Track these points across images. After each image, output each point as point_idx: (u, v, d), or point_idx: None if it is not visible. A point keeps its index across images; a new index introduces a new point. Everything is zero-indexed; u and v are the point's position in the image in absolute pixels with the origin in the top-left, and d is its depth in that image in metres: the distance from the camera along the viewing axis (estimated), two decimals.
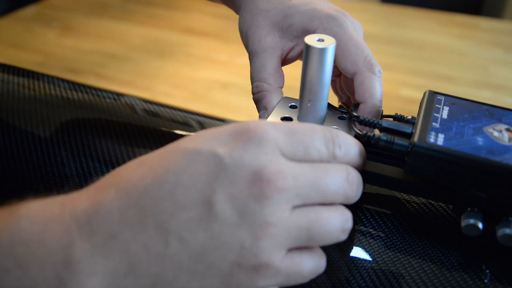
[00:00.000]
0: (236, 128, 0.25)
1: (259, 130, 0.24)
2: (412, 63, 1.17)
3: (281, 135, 0.25)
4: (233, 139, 0.25)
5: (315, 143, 0.26)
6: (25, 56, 1.17)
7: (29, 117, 0.42)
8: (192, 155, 0.24)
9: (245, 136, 0.24)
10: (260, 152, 0.24)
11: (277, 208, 0.23)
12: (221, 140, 0.25)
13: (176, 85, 1.09)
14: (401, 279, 0.29)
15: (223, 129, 0.25)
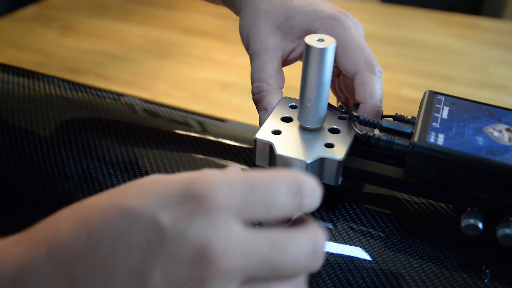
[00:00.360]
0: (185, 189, 0.21)
1: (210, 196, 0.21)
2: (412, 63, 1.17)
3: (238, 196, 0.21)
4: (180, 203, 0.21)
5: (278, 198, 0.22)
6: (25, 56, 1.17)
7: (29, 117, 0.42)
8: (132, 219, 0.21)
9: (193, 203, 0.21)
10: (208, 223, 0.21)
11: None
12: (167, 202, 0.21)
13: (176, 85, 1.09)
14: (401, 279, 0.29)
15: (172, 187, 0.22)
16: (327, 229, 0.33)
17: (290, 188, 0.22)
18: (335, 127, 0.35)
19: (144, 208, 0.21)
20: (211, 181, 0.21)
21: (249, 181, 0.22)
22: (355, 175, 0.33)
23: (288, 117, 0.36)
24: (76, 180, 0.38)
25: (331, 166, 0.32)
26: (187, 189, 0.21)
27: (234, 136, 0.43)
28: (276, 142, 0.33)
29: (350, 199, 0.35)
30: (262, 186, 0.22)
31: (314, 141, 0.33)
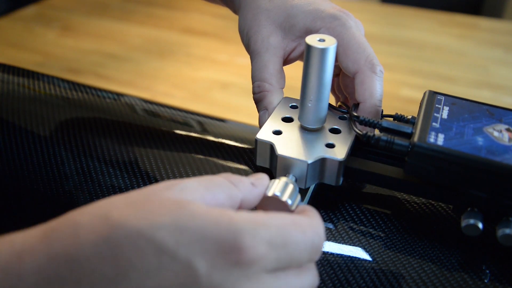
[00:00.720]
0: (227, 239, 0.21)
1: (251, 253, 0.21)
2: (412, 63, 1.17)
3: (274, 255, 0.22)
4: (219, 253, 0.21)
5: (301, 255, 0.23)
6: (25, 56, 1.17)
7: (29, 117, 0.42)
8: (166, 258, 0.20)
9: (234, 257, 0.21)
10: (243, 279, 0.21)
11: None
12: (206, 249, 0.21)
13: (176, 85, 1.09)
14: (401, 279, 0.29)
15: (212, 230, 0.21)
16: (327, 229, 0.33)
17: (313, 247, 0.24)
18: (335, 127, 0.35)
19: (180, 250, 0.21)
20: (254, 236, 0.21)
21: (285, 236, 0.22)
22: (355, 175, 0.33)
23: (289, 117, 0.36)
24: (76, 180, 0.38)
25: (332, 166, 0.32)
26: (229, 240, 0.21)
27: (234, 136, 0.43)
28: (276, 142, 0.33)
29: (350, 199, 0.35)
30: (294, 244, 0.23)
31: (315, 141, 0.33)
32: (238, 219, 0.22)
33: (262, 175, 0.28)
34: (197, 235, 0.21)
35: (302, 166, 0.31)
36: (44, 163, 0.39)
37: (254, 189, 0.27)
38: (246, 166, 0.39)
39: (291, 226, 0.23)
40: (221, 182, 0.25)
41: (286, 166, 0.32)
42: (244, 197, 0.26)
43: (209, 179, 0.25)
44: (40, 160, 0.39)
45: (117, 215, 0.21)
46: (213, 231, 0.21)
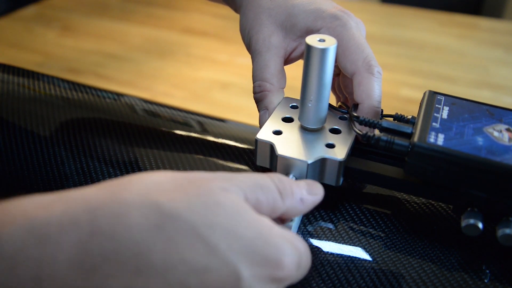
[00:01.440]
0: (272, 256, 0.23)
1: (287, 271, 0.23)
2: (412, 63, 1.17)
3: (296, 273, 0.24)
4: (263, 267, 0.22)
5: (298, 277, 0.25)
6: (25, 56, 1.17)
7: (29, 117, 0.42)
8: (215, 261, 0.21)
9: (274, 272, 0.22)
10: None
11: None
12: (253, 259, 0.22)
13: (176, 85, 1.09)
14: (401, 279, 0.29)
15: (262, 246, 0.22)
16: (327, 229, 0.33)
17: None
18: (336, 127, 0.35)
19: (231, 255, 0.22)
20: (292, 258, 0.23)
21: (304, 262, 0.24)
22: (355, 175, 0.33)
23: (289, 117, 0.36)
24: (76, 179, 0.38)
25: (332, 166, 0.32)
26: (274, 258, 0.23)
27: (234, 136, 0.43)
28: (277, 143, 0.33)
29: (350, 199, 0.35)
30: (307, 266, 0.25)
31: (315, 141, 0.33)
32: (281, 236, 0.24)
33: (319, 190, 0.28)
34: (249, 246, 0.22)
35: (302, 166, 0.31)
36: (44, 163, 0.39)
37: (300, 205, 0.27)
38: (246, 166, 0.39)
39: (307, 252, 0.25)
40: (268, 188, 0.26)
41: (286, 166, 0.32)
42: (286, 212, 0.27)
43: (258, 182, 0.25)
44: (40, 160, 0.39)
45: (170, 205, 0.22)
46: (263, 246, 0.22)
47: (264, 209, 0.25)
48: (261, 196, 0.25)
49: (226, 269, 0.21)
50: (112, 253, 0.20)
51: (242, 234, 0.22)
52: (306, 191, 0.28)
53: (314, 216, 0.33)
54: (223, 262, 0.21)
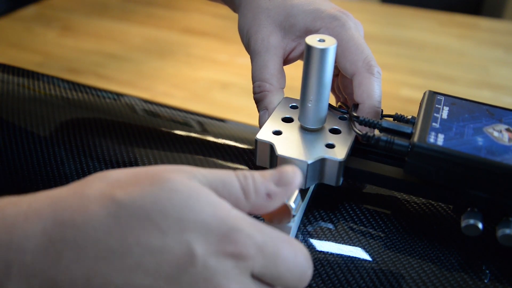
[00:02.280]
0: (225, 232, 0.23)
1: (243, 248, 0.23)
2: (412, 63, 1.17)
3: (261, 257, 0.23)
4: (216, 242, 0.23)
5: (288, 276, 0.24)
6: (25, 56, 1.17)
7: (29, 117, 0.42)
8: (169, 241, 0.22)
9: (228, 248, 0.23)
10: (233, 268, 0.23)
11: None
12: (205, 236, 0.23)
13: (176, 85, 1.09)
14: (401, 279, 0.29)
15: (215, 223, 0.23)
16: (327, 229, 0.33)
17: (302, 273, 0.24)
18: (335, 127, 0.35)
19: (184, 235, 0.22)
20: (248, 236, 0.23)
21: (276, 249, 0.24)
22: (355, 175, 0.33)
23: (289, 117, 0.36)
24: (76, 179, 0.38)
25: (332, 166, 0.32)
26: (227, 233, 0.23)
27: (234, 136, 0.43)
28: (276, 143, 0.33)
29: (350, 199, 0.35)
30: (283, 259, 0.24)
31: (315, 141, 0.33)
32: (240, 218, 0.24)
33: (290, 177, 0.26)
34: (202, 224, 0.23)
35: (302, 167, 0.31)
36: (44, 163, 0.39)
37: (268, 201, 0.26)
38: (246, 166, 0.39)
39: (285, 243, 0.24)
40: (231, 185, 0.25)
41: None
42: (253, 211, 0.26)
43: (221, 177, 0.25)
44: (40, 160, 0.39)
45: (125, 197, 0.23)
46: (215, 223, 0.23)
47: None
48: (222, 192, 0.25)
49: (179, 247, 0.22)
50: (73, 240, 0.22)
51: (195, 214, 0.23)
52: (274, 183, 0.26)
53: (314, 216, 0.33)
54: (175, 241, 0.22)
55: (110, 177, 0.24)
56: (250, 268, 0.23)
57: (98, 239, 0.22)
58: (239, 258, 0.23)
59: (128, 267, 0.22)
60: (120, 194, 0.23)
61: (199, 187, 0.24)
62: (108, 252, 0.22)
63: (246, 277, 0.23)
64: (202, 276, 0.22)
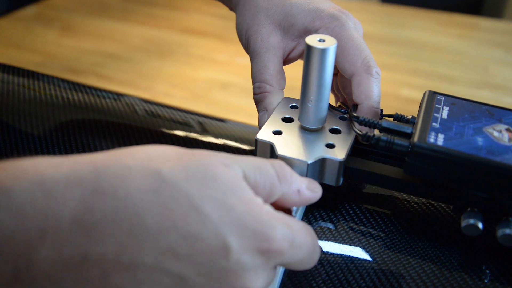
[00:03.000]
0: (262, 230, 0.23)
1: (278, 245, 0.23)
2: (412, 63, 1.17)
3: (291, 250, 0.24)
4: (252, 239, 0.23)
5: (305, 258, 0.26)
6: (25, 56, 1.17)
7: (29, 117, 0.42)
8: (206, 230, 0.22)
9: (264, 245, 0.23)
10: (266, 265, 0.24)
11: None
12: (242, 232, 0.23)
13: (176, 85, 1.09)
14: (401, 279, 0.29)
15: (252, 221, 0.23)
16: (327, 229, 0.33)
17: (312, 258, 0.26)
18: (336, 127, 0.35)
19: (221, 226, 0.22)
20: (283, 234, 0.24)
21: (301, 240, 0.25)
22: (355, 175, 0.33)
23: (289, 117, 0.36)
24: None
25: (332, 166, 0.32)
26: (263, 232, 0.23)
27: (234, 136, 0.43)
28: (277, 143, 0.33)
29: (350, 199, 0.35)
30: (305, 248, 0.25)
31: (315, 141, 0.33)
32: (271, 215, 0.24)
33: (318, 188, 0.29)
34: (239, 219, 0.23)
35: (302, 166, 0.31)
36: None
37: (296, 196, 0.27)
38: None
39: (303, 230, 0.25)
40: (267, 172, 0.26)
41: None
42: (282, 198, 0.27)
43: (258, 164, 0.26)
44: None
45: (169, 173, 0.23)
46: (252, 221, 0.23)
47: (261, 191, 0.26)
48: (259, 179, 0.26)
49: (216, 239, 0.22)
50: (111, 211, 0.22)
51: (234, 208, 0.23)
52: (305, 185, 0.28)
53: (314, 216, 0.33)
54: (213, 232, 0.22)
55: (153, 150, 0.24)
56: (279, 261, 0.24)
57: (136, 214, 0.22)
58: (271, 255, 0.23)
59: (160, 249, 0.22)
60: (164, 169, 0.23)
61: (238, 179, 0.24)
62: (142, 230, 0.22)
63: (273, 271, 0.24)
64: (233, 270, 0.22)
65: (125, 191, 0.22)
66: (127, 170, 0.23)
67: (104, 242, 0.21)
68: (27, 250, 0.21)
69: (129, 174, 0.23)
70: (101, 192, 0.22)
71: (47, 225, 0.21)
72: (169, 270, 0.22)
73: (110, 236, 0.21)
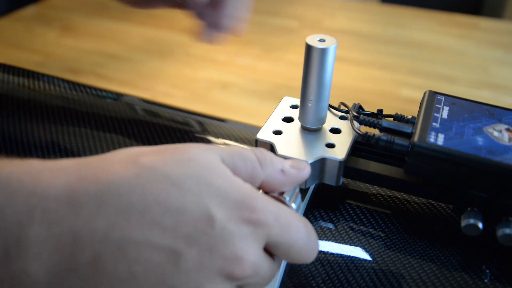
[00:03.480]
0: (243, 199, 0.24)
1: (261, 215, 0.24)
2: (412, 63, 1.17)
3: (277, 226, 0.25)
4: (235, 209, 0.24)
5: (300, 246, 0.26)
6: (25, 56, 1.17)
7: (29, 117, 0.42)
8: (188, 203, 0.23)
9: (246, 214, 0.24)
10: (251, 234, 0.24)
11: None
12: (224, 203, 0.24)
13: (176, 85, 1.09)
14: (401, 279, 0.29)
15: (233, 192, 0.24)
16: (327, 229, 0.33)
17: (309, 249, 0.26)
18: (336, 127, 0.35)
19: (203, 198, 0.23)
20: (265, 205, 0.24)
21: (289, 221, 0.25)
22: (355, 175, 0.33)
23: (289, 117, 0.36)
24: None
25: (332, 166, 0.32)
26: (245, 201, 0.24)
27: (234, 136, 0.43)
28: (277, 142, 0.33)
29: (350, 199, 0.35)
30: (296, 231, 0.25)
31: (315, 141, 0.33)
32: (254, 190, 0.25)
33: (303, 166, 0.29)
34: (220, 191, 0.24)
35: None
36: None
37: (281, 176, 0.28)
38: None
39: (296, 215, 0.26)
40: (247, 156, 0.27)
41: None
42: (266, 181, 0.27)
43: (237, 150, 0.27)
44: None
45: (147, 161, 0.24)
46: (233, 192, 0.24)
47: (242, 173, 0.26)
48: (238, 162, 0.26)
49: (198, 210, 0.23)
50: (96, 193, 0.23)
51: (212, 182, 0.24)
52: (289, 165, 0.28)
53: (314, 216, 0.33)
54: (195, 203, 0.23)
55: (134, 149, 0.26)
56: (266, 235, 0.24)
57: (120, 194, 0.23)
58: (256, 225, 0.24)
59: (147, 224, 0.22)
60: (142, 159, 0.24)
61: (215, 161, 0.25)
62: (128, 206, 0.22)
63: (261, 246, 0.24)
64: (221, 238, 0.23)
65: (107, 177, 0.23)
66: (108, 163, 0.24)
67: (93, 220, 0.22)
68: (17, 227, 0.22)
69: (110, 165, 0.24)
70: (83, 178, 0.23)
71: (34, 203, 0.22)
72: (158, 244, 0.22)
73: (98, 215, 0.22)
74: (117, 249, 0.22)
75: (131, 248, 0.22)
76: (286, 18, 1.35)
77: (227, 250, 0.23)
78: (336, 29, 1.30)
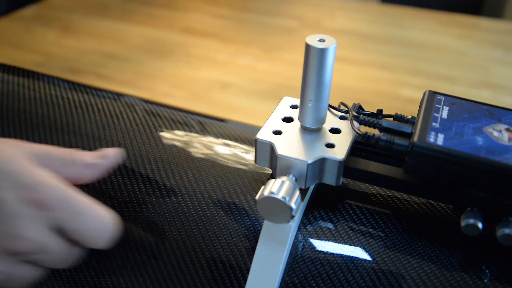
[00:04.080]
0: (31, 184, 0.28)
1: (48, 197, 0.28)
2: (412, 63, 1.17)
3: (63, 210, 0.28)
4: (24, 191, 0.27)
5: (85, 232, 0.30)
6: (25, 56, 1.17)
7: (29, 117, 0.42)
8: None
9: (32, 196, 0.27)
10: (37, 217, 0.27)
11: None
12: (14, 187, 0.27)
13: (176, 85, 1.09)
14: (401, 279, 0.29)
15: (21, 177, 0.28)
16: (327, 229, 0.33)
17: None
18: (335, 127, 0.35)
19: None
20: (52, 189, 0.28)
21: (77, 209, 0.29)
22: (355, 175, 0.33)
23: (289, 117, 0.36)
24: None
25: (332, 166, 0.32)
26: (32, 185, 0.28)
27: (234, 136, 0.43)
28: (276, 142, 0.33)
29: (350, 199, 0.35)
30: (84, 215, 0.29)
31: (315, 141, 0.33)
32: (48, 177, 0.29)
33: (105, 153, 0.34)
34: (12, 176, 0.28)
35: (302, 166, 0.31)
36: None
37: (86, 170, 0.32)
38: (245, 166, 0.39)
39: (96, 208, 0.29)
40: (52, 156, 0.31)
41: (286, 166, 0.32)
42: (76, 177, 0.32)
43: (45, 150, 0.31)
44: None
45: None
46: (24, 178, 0.28)
47: (53, 171, 0.30)
48: (44, 160, 0.30)
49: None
50: None
51: (8, 169, 0.28)
52: (89, 157, 0.32)
53: (314, 216, 0.33)
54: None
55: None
56: (51, 218, 0.28)
57: None
58: (41, 207, 0.27)
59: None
60: None
61: (18, 155, 0.29)
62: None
63: (46, 227, 0.28)
64: (5, 218, 0.27)
65: None
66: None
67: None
68: None
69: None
70: None
71: None
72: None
73: None
74: None
75: None
76: (286, 18, 1.35)
77: (11, 229, 0.27)
78: (336, 29, 1.30)
